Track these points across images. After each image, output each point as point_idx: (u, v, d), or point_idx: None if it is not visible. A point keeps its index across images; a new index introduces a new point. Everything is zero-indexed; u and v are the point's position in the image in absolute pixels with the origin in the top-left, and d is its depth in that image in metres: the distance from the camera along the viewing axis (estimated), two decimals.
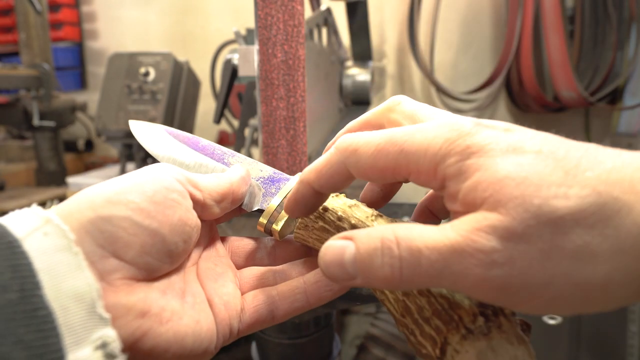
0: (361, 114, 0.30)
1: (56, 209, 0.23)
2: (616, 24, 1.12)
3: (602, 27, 1.14)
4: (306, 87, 0.55)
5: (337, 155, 0.24)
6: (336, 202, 0.29)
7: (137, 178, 0.25)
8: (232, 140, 1.42)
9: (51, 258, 0.20)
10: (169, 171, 0.26)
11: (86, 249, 0.22)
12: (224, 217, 0.32)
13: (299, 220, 0.30)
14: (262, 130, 0.56)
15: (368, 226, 0.27)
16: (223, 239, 0.32)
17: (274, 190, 0.33)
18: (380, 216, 0.28)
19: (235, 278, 0.30)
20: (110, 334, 0.21)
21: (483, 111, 1.34)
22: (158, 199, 0.24)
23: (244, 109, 0.84)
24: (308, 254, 0.32)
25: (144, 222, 0.23)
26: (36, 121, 1.15)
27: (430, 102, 1.38)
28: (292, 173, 0.56)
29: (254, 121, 0.84)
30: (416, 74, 1.37)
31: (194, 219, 0.27)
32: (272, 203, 0.31)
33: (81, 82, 1.66)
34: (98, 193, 0.24)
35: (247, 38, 0.69)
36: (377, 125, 0.29)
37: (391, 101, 0.28)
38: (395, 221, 0.28)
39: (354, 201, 0.29)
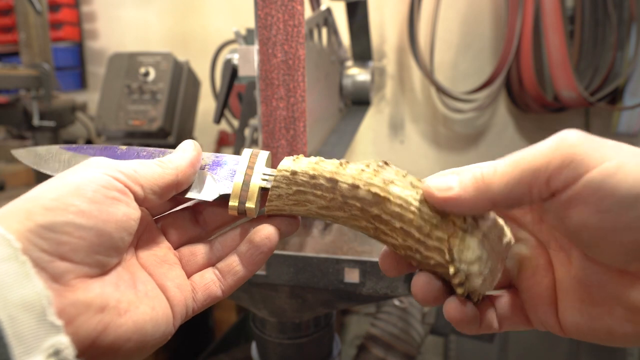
0: (361, 114, 0.30)
1: None
2: (616, 24, 1.12)
3: (602, 27, 1.14)
4: (306, 87, 0.55)
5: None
6: (302, 164, 0.30)
7: (71, 180, 0.24)
8: (232, 141, 1.42)
9: None
10: (104, 169, 0.26)
11: (33, 256, 0.22)
12: (168, 204, 0.32)
13: (270, 191, 0.30)
14: (262, 130, 0.56)
15: (343, 175, 0.28)
16: (156, 220, 0.32)
17: (227, 172, 0.31)
18: (347, 163, 0.30)
19: (176, 259, 0.30)
20: (62, 341, 0.20)
21: (483, 111, 1.34)
22: (98, 198, 0.24)
23: (244, 109, 0.84)
24: (233, 219, 0.32)
25: (88, 223, 0.23)
26: (36, 121, 1.15)
27: (430, 102, 1.38)
28: None
29: (254, 121, 0.83)
30: (416, 74, 1.37)
31: (136, 212, 0.26)
32: (236, 185, 0.30)
33: (81, 82, 1.66)
34: (33, 201, 0.23)
35: (247, 38, 0.69)
36: None
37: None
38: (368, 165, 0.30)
39: (315, 158, 0.30)
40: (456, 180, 0.26)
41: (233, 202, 0.30)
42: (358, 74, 0.99)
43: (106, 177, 0.25)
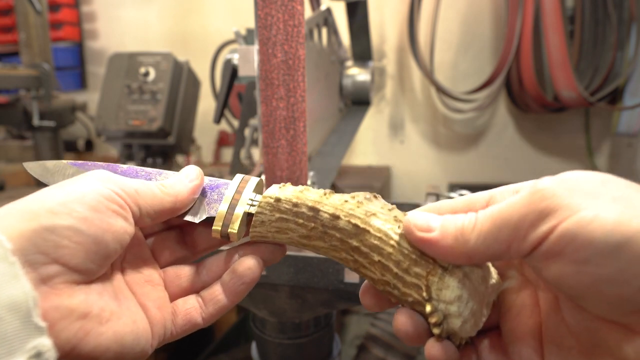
0: (361, 114, 0.30)
1: None
2: (616, 24, 1.12)
3: (602, 27, 1.14)
4: (306, 87, 0.55)
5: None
6: (287, 191, 0.30)
7: (76, 188, 0.25)
8: (232, 141, 1.42)
9: None
10: (107, 183, 0.27)
11: (28, 257, 0.22)
12: (151, 228, 0.33)
13: (254, 217, 0.30)
14: (262, 130, 0.56)
15: (325, 204, 0.29)
16: (146, 237, 0.32)
17: (216, 196, 0.32)
18: (332, 193, 0.30)
19: (160, 280, 0.31)
20: (45, 343, 0.21)
21: (483, 111, 1.34)
22: (100, 208, 0.25)
23: (244, 109, 0.84)
24: (219, 243, 0.33)
25: (89, 230, 0.24)
26: (36, 121, 1.15)
27: (430, 102, 1.38)
28: (292, 173, 0.56)
29: (254, 121, 0.83)
30: (416, 74, 1.37)
31: (131, 228, 0.27)
32: (221, 208, 0.31)
33: (81, 82, 1.66)
34: (39, 203, 0.24)
35: (247, 38, 0.69)
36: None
37: None
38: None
39: (301, 187, 0.30)
40: (438, 222, 0.25)
41: (216, 226, 0.30)
42: (358, 74, 0.99)
43: (108, 190, 0.26)
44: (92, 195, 0.25)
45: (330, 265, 0.53)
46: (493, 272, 0.27)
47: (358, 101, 1.01)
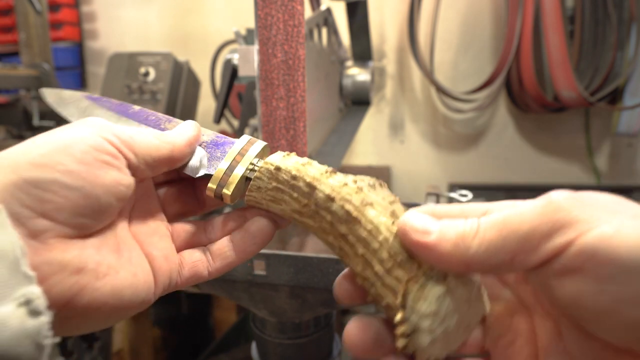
0: (361, 114, 0.30)
1: None
2: (616, 24, 1.12)
3: (602, 27, 1.14)
4: (306, 87, 0.55)
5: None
6: (289, 162, 0.29)
7: (62, 138, 0.24)
8: None
9: None
10: (98, 130, 0.25)
11: (13, 210, 0.21)
12: (162, 177, 0.32)
13: (251, 182, 0.29)
14: (262, 130, 0.56)
15: (323, 183, 0.27)
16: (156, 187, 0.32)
17: (220, 154, 0.31)
18: (334, 172, 0.28)
19: (168, 233, 0.30)
20: (34, 291, 0.20)
21: (483, 111, 1.34)
22: (88, 160, 0.24)
23: (244, 109, 0.84)
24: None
25: (75, 183, 0.23)
26: (36, 121, 1.15)
27: (430, 102, 1.38)
28: None
29: (254, 121, 0.83)
30: (416, 74, 1.37)
31: (127, 178, 0.26)
32: (220, 167, 0.30)
33: (81, 82, 1.66)
34: (21, 155, 0.23)
35: (247, 38, 0.69)
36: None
37: None
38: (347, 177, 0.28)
39: (306, 159, 0.29)
40: (437, 226, 0.23)
41: (212, 185, 0.30)
42: (358, 74, 0.99)
43: (99, 138, 0.25)
44: (79, 146, 0.24)
45: (330, 265, 0.53)
46: (484, 294, 0.25)
47: (358, 101, 1.01)
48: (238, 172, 0.30)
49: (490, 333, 0.26)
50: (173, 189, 0.32)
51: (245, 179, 0.30)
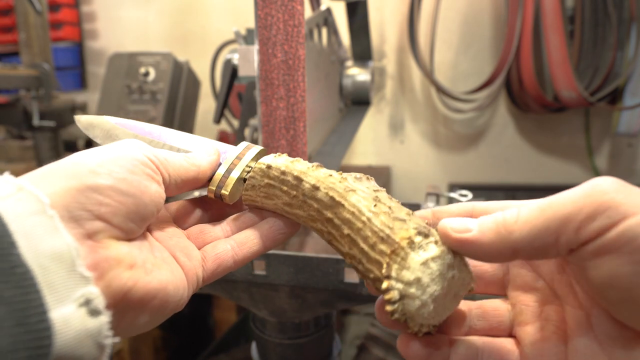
0: (361, 114, 0.30)
1: (32, 177, 0.24)
2: (616, 24, 1.12)
3: (602, 27, 1.14)
4: (306, 87, 0.55)
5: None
6: (279, 160, 0.32)
7: (113, 152, 0.26)
8: (232, 141, 1.42)
9: (26, 221, 0.21)
10: (140, 148, 0.28)
11: (73, 213, 0.23)
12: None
13: (246, 181, 0.33)
14: (262, 130, 0.56)
15: (309, 175, 0.30)
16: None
17: (221, 160, 0.35)
18: (320, 167, 0.31)
19: (184, 234, 0.32)
20: (93, 291, 0.21)
21: (483, 111, 1.34)
22: (137, 171, 0.26)
23: (244, 109, 0.84)
24: (234, 210, 0.35)
25: (130, 190, 0.25)
26: (36, 121, 1.15)
27: (430, 102, 1.38)
28: None
29: (254, 121, 0.83)
30: (416, 74, 1.37)
31: (163, 192, 0.28)
32: (219, 171, 0.33)
33: (81, 82, 1.66)
34: (80, 164, 0.25)
35: (247, 38, 0.69)
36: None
37: None
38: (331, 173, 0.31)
39: (295, 158, 0.32)
40: (475, 223, 0.24)
41: (212, 187, 0.33)
42: (358, 74, 0.99)
43: (143, 155, 0.27)
44: (129, 159, 0.26)
45: (330, 265, 0.53)
46: (468, 267, 0.27)
47: (358, 101, 1.01)
48: (235, 174, 0.33)
49: (519, 320, 0.28)
50: (182, 207, 0.35)
51: (243, 181, 0.33)
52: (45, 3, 1.25)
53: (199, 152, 0.33)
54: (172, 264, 0.28)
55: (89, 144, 1.55)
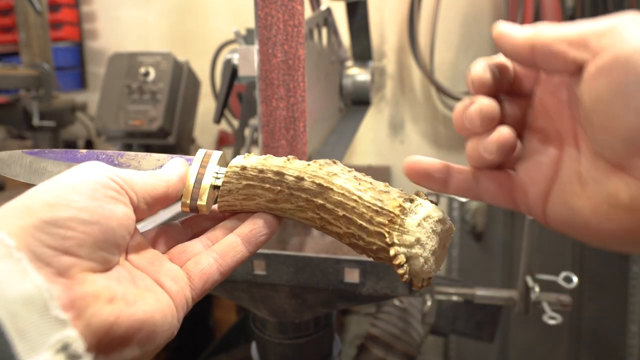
0: (361, 114, 0.30)
1: None
2: None
3: None
4: (306, 87, 0.55)
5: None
6: (251, 160, 0.32)
7: (70, 179, 0.25)
8: (232, 140, 1.42)
9: None
10: (100, 169, 0.26)
11: (36, 252, 0.21)
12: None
13: (221, 187, 0.32)
14: (262, 130, 0.56)
15: (290, 169, 0.31)
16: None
17: None
18: (295, 158, 0.32)
19: (165, 257, 0.30)
20: (70, 334, 0.20)
21: None
22: (98, 196, 0.25)
23: (244, 109, 0.84)
24: (212, 222, 0.33)
25: (92, 218, 0.24)
26: (36, 121, 1.15)
27: (430, 102, 1.38)
28: None
29: (254, 121, 0.83)
30: (416, 74, 1.37)
31: (132, 213, 0.27)
32: (188, 184, 0.31)
33: (81, 82, 1.66)
34: (34, 198, 0.23)
35: (247, 38, 0.69)
36: None
37: None
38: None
39: (264, 156, 0.33)
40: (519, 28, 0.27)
41: (185, 200, 0.31)
42: (358, 74, 0.99)
43: (104, 177, 0.26)
44: (88, 184, 0.25)
45: (330, 265, 0.53)
46: (446, 217, 0.29)
47: (358, 101, 1.01)
48: (206, 183, 0.32)
49: (522, 158, 0.29)
50: (159, 231, 0.33)
51: (213, 188, 0.32)
52: (45, 3, 1.25)
53: (166, 166, 0.31)
54: (157, 291, 0.27)
55: (89, 143, 1.55)
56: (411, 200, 0.29)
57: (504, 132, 0.27)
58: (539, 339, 1.39)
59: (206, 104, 1.38)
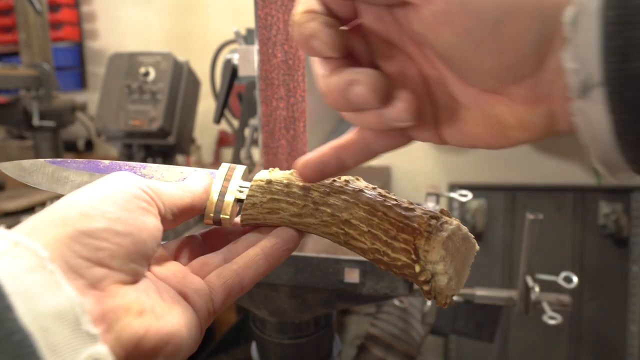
0: None
1: (23, 228, 0.22)
2: None
3: None
4: (306, 87, 0.55)
5: None
6: (277, 174, 0.33)
7: (103, 189, 0.25)
8: (232, 140, 1.42)
9: (23, 279, 0.19)
10: (132, 180, 0.26)
11: (70, 263, 0.21)
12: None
13: (245, 200, 0.32)
14: (262, 130, 0.56)
15: (316, 184, 0.31)
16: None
17: None
18: None
19: (187, 269, 0.30)
20: (101, 351, 0.20)
21: None
22: (131, 207, 0.25)
23: (244, 109, 0.84)
24: (233, 236, 0.33)
25: (125, 230, 0.24)
26: (36, 121, 1.15)
27: None
28: None
29: (254, 121, 0.84)
30: None
31: (161, 225, 0.27)
32: (212, 197, 0.32)
33: (81, 82, 1.66)
34: (69, 208, 0.23)
35: (247, 38, 0.69)
36: None
37: None
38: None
39: (288, 171, 0.33)
40: None
41: (209, 212, 0.32)
42: None
43: (136, 188, 0.26)
44: (120, 195, 0.25)
45: (330, 265, 0.53)
46: (471, 236, 0.30)
47: None
48: (230, 197, 0.32)
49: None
50: (180, 245, 0.33)
51: (236, 201, 0.32)
52: (45, 3, 1.25)
53: (190, 178, 0.32)
54: (182, 305, 0.27)
55: (89, 143, 1.55)
56: (437, 218, 0.29)
57: (409, 98, 0.24)
58: (539, 339, 1.39)
59: (206, 104, 1.38)
